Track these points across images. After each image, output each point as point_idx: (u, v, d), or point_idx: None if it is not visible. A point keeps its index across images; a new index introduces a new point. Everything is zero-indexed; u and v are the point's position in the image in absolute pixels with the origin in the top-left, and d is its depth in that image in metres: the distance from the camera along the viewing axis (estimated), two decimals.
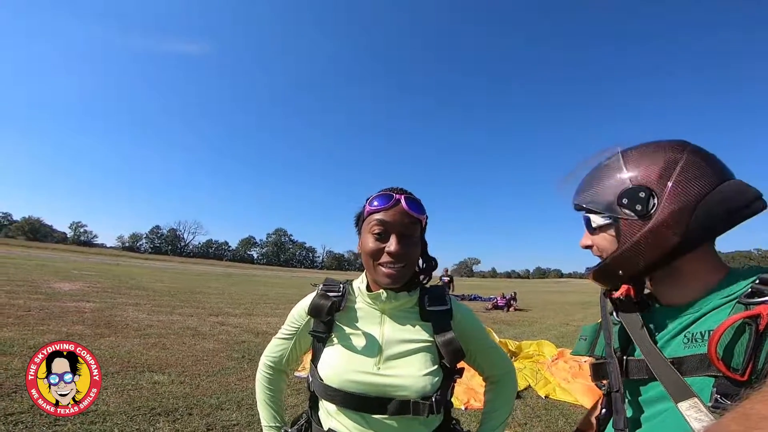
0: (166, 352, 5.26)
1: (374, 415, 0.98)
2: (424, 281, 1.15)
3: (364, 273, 1.15)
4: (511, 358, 5.98)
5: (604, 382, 0.86)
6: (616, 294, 0.86)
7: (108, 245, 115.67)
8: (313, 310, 1.07)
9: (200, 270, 39.23)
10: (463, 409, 3.97)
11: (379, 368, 1.01)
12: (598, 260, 0.87)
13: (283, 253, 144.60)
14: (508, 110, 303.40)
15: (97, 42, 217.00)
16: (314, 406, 1.12)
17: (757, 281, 0.67)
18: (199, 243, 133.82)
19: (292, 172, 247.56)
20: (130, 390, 3.71)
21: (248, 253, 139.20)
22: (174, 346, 5.67)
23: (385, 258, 1.01)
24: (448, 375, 1.05)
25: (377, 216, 1.03)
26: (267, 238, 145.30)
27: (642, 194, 0.75)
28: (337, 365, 1.02)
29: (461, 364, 1.08)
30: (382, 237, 1.02)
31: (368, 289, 1.11)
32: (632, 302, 0.87)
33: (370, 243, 1.02)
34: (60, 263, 23.77)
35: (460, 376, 1.09)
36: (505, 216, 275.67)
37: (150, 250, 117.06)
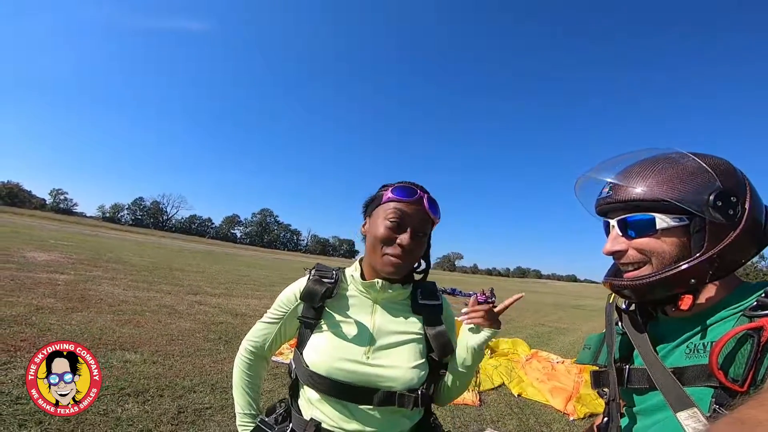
0: (140, 330, 5.16)
1: (359, 405, 0.97)
2: (419, 279, 1.17)
3: (357, 261, 1.15)
4: (488, 354, 6.07)
5: (606, 390, 0.86)
6: (685, 305, 0.75)
7: (88, 214, 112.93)
8: (306, 295, 1.06)
9: (181, 246, 38.63)
10: None
11: (368, 357, 1.00)
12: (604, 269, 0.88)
13: (268, 234, 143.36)
14: (497, 113, 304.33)
15: (85, 13, 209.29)
16: (294, 395, 1.10)
17: (764, 294, 0.68)
18: (182, 218, 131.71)
19: (282, 153, 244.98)
20: (100, 368, 3.61)
21: (231, 231, 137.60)
22: (149, 324, 5.56)
23: (394, 249, 1.02)
24: (435, 369, 1.06)
25: (397, 205, 1.03)
26: (252, 218, 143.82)
27: (734, 199, 0.71)
28: (326, 352, 1.01)
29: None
30: (397, 227, 1.02)
31: (362, 277, 1.11)
32: (639, 312, 0.86)
33: (383, 229, 1.02)
34: (36, 231, 23.15)
35: (446, 371, 1.09)
36: (491, 213, 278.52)
37: (131, 222, 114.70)
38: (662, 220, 0.75)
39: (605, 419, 0.89)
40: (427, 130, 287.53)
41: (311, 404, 1.02)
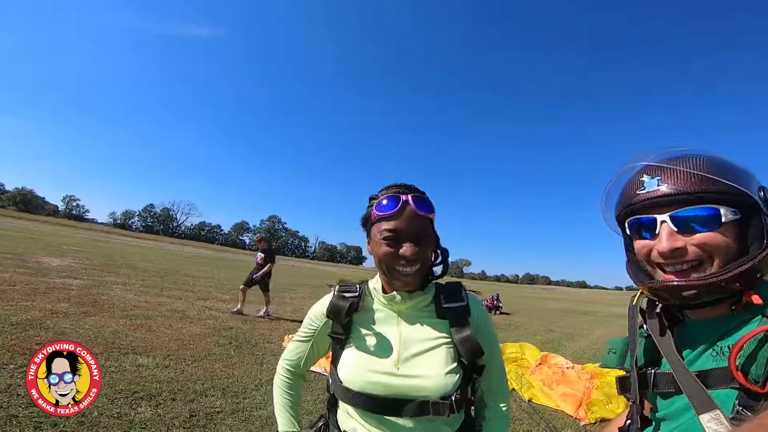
0: (152, 335, 5.22)
1: (395, 418, 0.96)
2: (441, 275, 1.12)
3: (378, 274, 1.12)
4: None
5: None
6: (757, 300, 0.69)
7: (99, 221, 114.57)
8: (332, 312, 1.06)
9: (191, 252, 39.00)
10: None
11: (399, 368, 0.99)
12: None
13: (276, 240, 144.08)
14: (508, 117, 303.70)
15: (100, 21, 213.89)
16: (332, 408, 1.11)
17: None
18: (192, 225, 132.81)
19: (291, 161, 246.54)
20: (113, 372, 3.67)
21: (240, 238, 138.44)
22: (160, 328, 5.63)
23: (400, 263, 0.99)
24: (467, 373, 1.03)
25: (387, 225, 0.99)
26: (260, 224, 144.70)
27: None
28: (356, 367, 1.01)
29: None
30: (394, 242, 0.99)
31: (383, 290, 1.09)
32: (665, 315, 0.83)
33: (382, 250, 1.00)
34: (49, 237, 23.52)
35: (480, 375, 1.06)
36: (500, 220, 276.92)
37: (141, 229, 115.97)
38: (727, 213, 0.69)
39: (628, 421, 0.88)
40: (434, 133, 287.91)
41: (349, 416, 1.03)
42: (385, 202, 1.00)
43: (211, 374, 4.07)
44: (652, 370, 0.80)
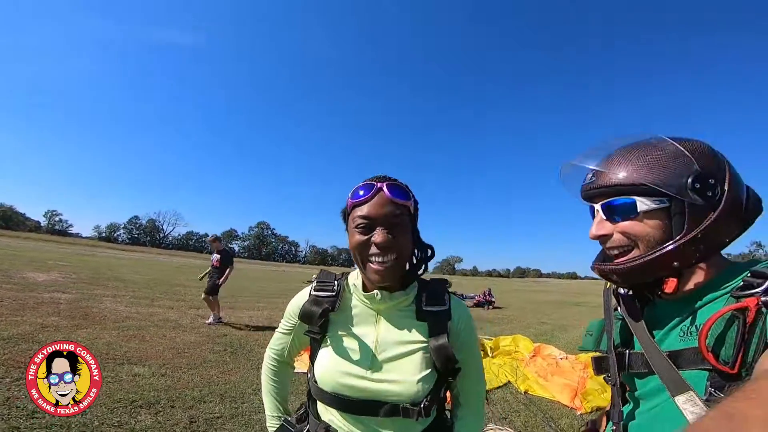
0: (146, 345, 5.19)
1: (368, 417, 0.98)
2: (421, 273, 1.10)
3: (359, 269, 1.09)
4: (490, 355, 6.13)
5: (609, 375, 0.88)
6: (670, 288, 0.77)
7: (84, 235, 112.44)
8: (304, 317, 1.04)
9: (180, 262, 38.50)
10: None
11: (373, 372, 0.98)
12: (593, 255, 0.89)
13: (265, 246, 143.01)
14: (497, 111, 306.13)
15: (76, 29, 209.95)
16: (312, 398, 1.11)
17: (749, 274, 0.69)
18: (179, 235, 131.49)
19: (276, 165, 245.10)
20: (110, 382, 3.66)
21: (229, 246, 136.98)
22: (154, 338, 5.59)
23: (372, 250, 0.95)
24: (442, 376, 1.02)
25: (360, 210, 0.97)
26: (249, 231, 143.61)
27: (712, 181, 0.73)
28: (330, 368, 1.00)
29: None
30: (367, 230, 0.96)
31: (364, 288, 1.06)
32: (635, 296, 0.88)
33: (354, 238, 0.97)
34: (33, 253, 23.02)
35: (455, 378, 1.04)
36: (489, 216, 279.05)
37: (127, 241, 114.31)
38: (643, 203, 0.76)
39: (611, 405, 0.90)
40: (416, 134, 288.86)
41: (326, 410, 1.04)
42: (360, 191, 0.99)
43: (208, 381, 4.07)
44: (627, 351, 0.84)
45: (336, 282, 1.09)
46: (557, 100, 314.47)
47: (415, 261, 1.08)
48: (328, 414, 1.04)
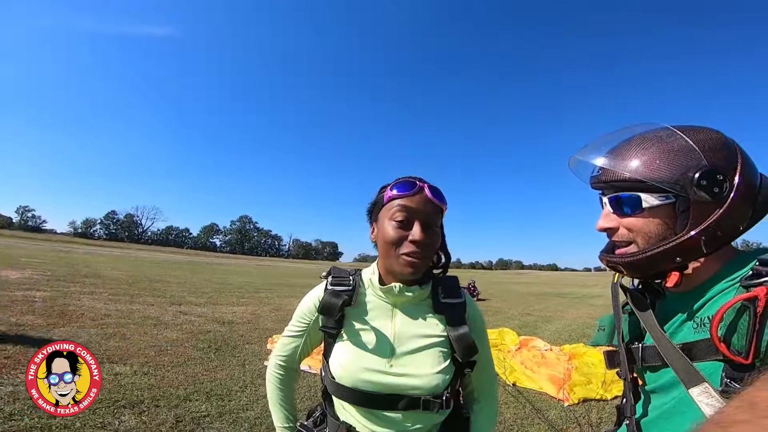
0: (127, 343, 5.04)
1: (387, 412, 0.97)
2: (438, 275, 1.12)
3: (374, 264, 1.11)
4: None
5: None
6: (671, 282, 0.77)
7: (59, 231, 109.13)
8: (324, 309, 1.03)
9: (160, 258, 37.67)
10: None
11: (391, 366, 0.98)
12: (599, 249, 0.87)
13: (248, 241, 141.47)
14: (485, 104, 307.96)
15: (48, 22, 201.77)
16: (328, 398, 1.09)
17: (758, 263, 0.68)
18: (158, 230, 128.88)
19: (258, 158, 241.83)
20: None
21: (211, 240, 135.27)
22: (135, 336, 5.44)
23: (408, 247, 0.97)
24: (460, 368, 1.03)
25: (400, 201, 0.98)
26: (231, 226, 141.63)
27: (719, 177, 0.70)
28: (349, 363, 1.00)
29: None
30: (405, 224, 0.98)
31: (380, 281, 1.07)
32: (644, 290, 0.86)
33: (391, 231, 0.98)
34: (5, 250, 22.22)
35: (472, 370, 1.05)
36: (471, 208, 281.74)
37: (105, 237, 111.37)
38: (647, 199, 0.75)
39: (624, 399, 0.88)
40: (398, 124, 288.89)
41: (344, 409, 1.03)
42: (399, 185, 1.01)
43: (193, 379, 3.97)
44: (639, 344, 0.82)
45: (351, 277, 1.10)
46: (539, 87, 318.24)
47: (433, 263, 1.10)
48: (345, 413, 1.02)
